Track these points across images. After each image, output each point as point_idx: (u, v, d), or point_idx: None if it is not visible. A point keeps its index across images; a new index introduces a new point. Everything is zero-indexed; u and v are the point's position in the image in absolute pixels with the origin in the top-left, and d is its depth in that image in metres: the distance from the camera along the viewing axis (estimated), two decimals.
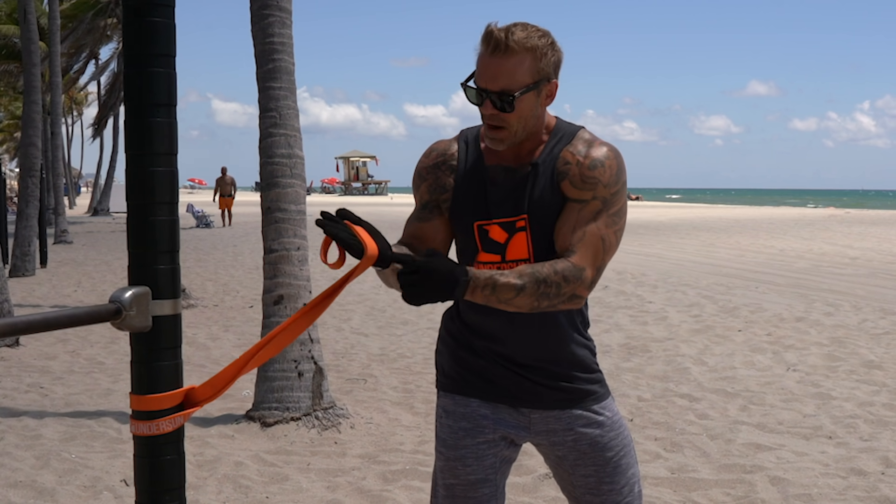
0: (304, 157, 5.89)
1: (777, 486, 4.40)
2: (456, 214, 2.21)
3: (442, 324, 2.36)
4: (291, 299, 5.64)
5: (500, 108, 2.08)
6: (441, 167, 2.23)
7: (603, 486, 2.23)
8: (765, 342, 8.19)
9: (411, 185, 2.31)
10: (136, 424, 1.72)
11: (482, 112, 2.11)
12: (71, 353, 7.79)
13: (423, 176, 2.26)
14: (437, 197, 2.23)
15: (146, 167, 1.71)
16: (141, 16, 1.68)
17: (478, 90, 2.09)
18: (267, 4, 5.79)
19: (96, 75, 38.95)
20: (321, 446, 5.12)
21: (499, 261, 2.17)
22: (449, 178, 2.22)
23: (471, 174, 2.19)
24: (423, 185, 2.25)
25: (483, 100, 2.09)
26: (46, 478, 4.53)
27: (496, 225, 2.17)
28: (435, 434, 2.31)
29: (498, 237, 2.16)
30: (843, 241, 21.00)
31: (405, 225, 2.29)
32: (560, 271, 2.04)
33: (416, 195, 2.28)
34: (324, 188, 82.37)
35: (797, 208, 48.36)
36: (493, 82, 2.06)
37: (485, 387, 2.24)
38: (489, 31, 2.06)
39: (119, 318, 1.64)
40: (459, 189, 2.20)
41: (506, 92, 2.06)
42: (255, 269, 14.23)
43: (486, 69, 2.07)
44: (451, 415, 2.26)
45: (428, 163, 2.26)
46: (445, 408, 2.28)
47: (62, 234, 21.04)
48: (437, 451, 2.28)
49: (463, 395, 2.25)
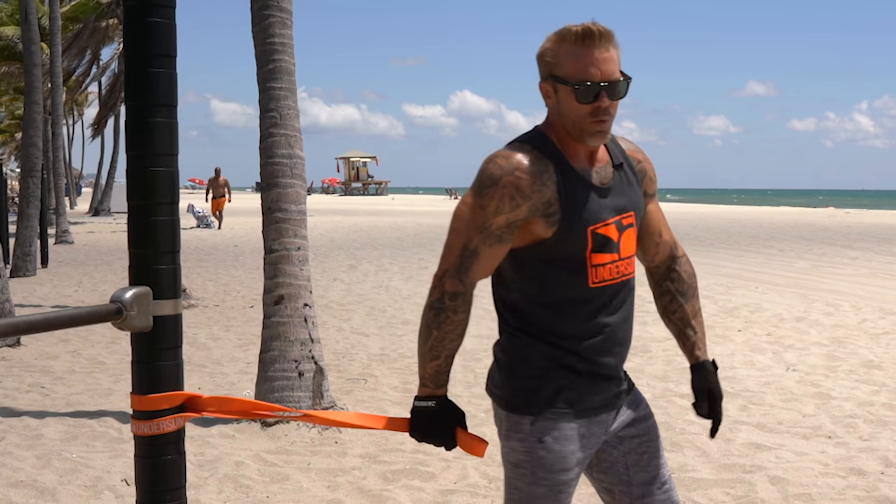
0: (305, 158, 5.90)
1: (777, 485, 4.41)
2: (570, 225, 2.14)
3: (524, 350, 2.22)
4: (292, 299, 5.65)
5: (615, 97, 2.12)
6: (546, 182, 2.13)
7: (654, 461, 2.33)
8: (765, 342, 8.19)
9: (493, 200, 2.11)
10: (137, 424, 1.73)
11: (598, 107, 2.10)
12: (72, 353, 7.80)
13: (526, 194, 2.11)
14: (536, 215, 2.13)
15: (147, 167, 1.72)
16: (142, 17, 1.69)
17: (592, 86, 2.10)
18: (267, 5, 5.80)
19: (97, 76, 38.95)
20: (322, 446, 5.12)
21: (616, 259, 2.22)
22: (551, 191, 2.13)
23: (573, 182, 2.16)
24: (526, 204, 2.11)
25: (598, 94, 2.10)
26: (47, 477, 4.54)
27: (612, 225, 2.21)
28: (528, 460, 2.21)
29: (613, 236, 2.21)
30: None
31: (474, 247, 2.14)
32: (693, 272, 2.48)
33: (502, 213, 2.12)
34: (324, 188, 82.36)
35: (797, 208, 48.33)
36: (607, 73, 2.11)
37: (587, 405, 2.24)
38: (585, 28, 2.10)
39: (120, 318, 1.65)
40: (568, 198, 2.14)
41: (619, 80, 2.13)
42: (255, 269, 14.23)
43: (595, 62, 2.10)
44: (559, 440, 2.20)
45: (530, 179, 2.12)
46: (549, 433, 2.20)
47: (63, 235, 21.05)
48: (539, 478, 2.20)
49: (566, 422, 2.21)
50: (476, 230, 2.13)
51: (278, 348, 5.59)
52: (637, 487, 2.31)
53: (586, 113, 2.11)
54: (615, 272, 2.23)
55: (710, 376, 2.39)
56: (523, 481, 2.22)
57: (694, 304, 2.43)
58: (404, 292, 11.84)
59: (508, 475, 2.26)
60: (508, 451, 2.25)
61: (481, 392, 6.24)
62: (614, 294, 2.24)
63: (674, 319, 2.43)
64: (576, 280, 2.18)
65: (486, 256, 2.15)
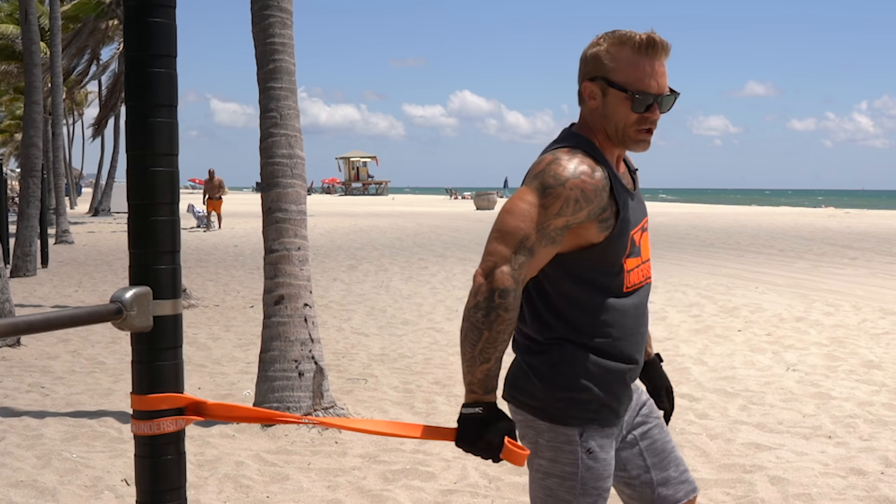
0: (305, 158, 5.90)
1: (777, 485, 4.41)
2: (621, 230, 2.19)
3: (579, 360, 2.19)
4: (292, 299, 5.65)
5: (665, 110, 2.21)
6: (605, 187, 2.16)
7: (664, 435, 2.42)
8: (765, 342, 8.19)
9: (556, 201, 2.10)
10: (137, 424, 1.73)
11: (648, 117, 2.16)
12: (72, 353, 7.80)
13: (590, 200, 2.12)
14: (593, 218, 2.14)
15: (147, 167, 1.72)
16: (142, 17, 1.69)
17: (648, 97, 2.15)
18: (268, 5, 5.80)
19: (97, 76, 38.97)
20: (322, 446, 5.12)
21: (639, 263, 2.27)
22: (608, 196, 2.17)
23: (619, 187, 2.21)
24: (587, 209, 2.12)
25: (651, 106, 2.16)
26: (48, 477, 4.54)
27: (639, 230, 2.28)
28: (581, 474, 2.19)
29: (638, 241, 2.27)
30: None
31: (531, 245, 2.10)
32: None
33: (562, 215, 2.10)
34: (324, 188, 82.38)
35: (797, 208, 48.33)
36: (663, 86, 2.18)
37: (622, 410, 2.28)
38: (649, 37, 2.13)
39: (120, 318, 1.65)
40: (623, 203, 2.19)
41: (672, 94, 2.20)
42: (255, 269, 14.24)
43: (655, 74, 2.15)
44: (605, 447, 2.22)
45: (596, 185, 2.13)
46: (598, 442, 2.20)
47: (63, 235, 21.06)
48: (590, 488, 2.19)
49: (608, 427, 2.24)
50: (535, 228, 2.09)
51: (278, 348, 5.60)
52: (656, 471, 2.35)
53: (634, 121, 2.16)
54: (641, 276, 2.27)
55: (662, 370, 2.54)
56: (572, 493, 2.19)
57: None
58: (404, 292, 11.85)
59: (551, 487, 2.20)
60: (550, 463, 2.20)
61: None
62: (641, 298, 2.29)
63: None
64: (614, 286, 2.21)
65: (540, 256, 2.12)
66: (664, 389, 2.51)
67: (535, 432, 2.21)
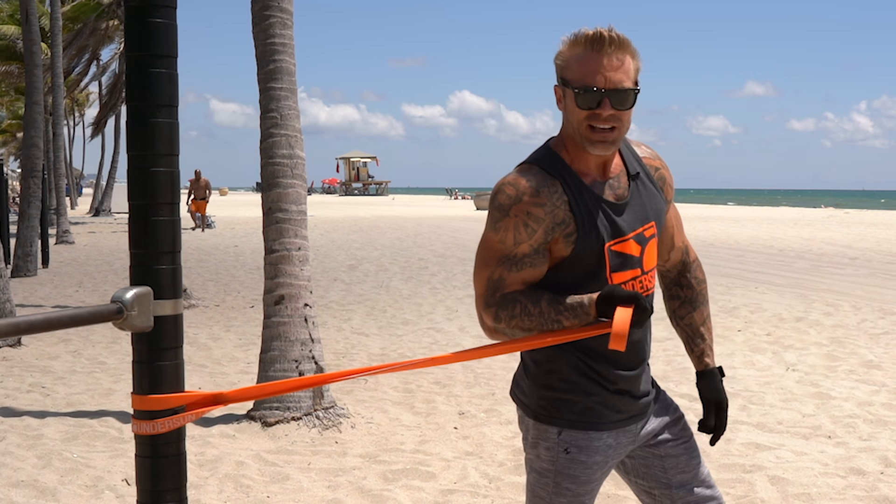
0: (305, 158, 5.91)
1: (776, 485, 4.41)
2: (585, 244, 2.12)
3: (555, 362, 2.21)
4: (292, 299, 5.66)
5: (620, 107, 2.06)
6: (556, 203, 2.10)
7: (692, 461, 2.33)
8: (764, 342, 8.19)
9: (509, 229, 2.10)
10: (137, 424, 1.74)
11: (598, 114, 2.06)
12: (73, 353, 7.81)
13: (539, 218, 2.09)
14: (554, 235, 2.12)
15: (148, 168, 1.72)
16: (143, 17, 1.70)
17: (595, 92, 2.05)
18: (268, 5, 5.80)
19: (97, 76, 38.98)
20: (322, 446, 5.13)
21: (639, 274, 2.19)
22: (564, 211, 2.11)
23: (585, 199, 2.12)
24: (541, 229, 2.10)
25: (600, 102, 2.06)
26: (48, 477, 4.55)
27: (631, 240, 2.17)
28: (553, 469, 2.22)
29: (634, 252, 2.18)
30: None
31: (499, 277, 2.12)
32: (702, 277, 2.46)
33: (522, 241, 2.10)
34: (325, 188, 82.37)
35: (797, 208, 48.30)
36: (613, 81, 2.05)
37: (615, 417, 2.23)
38: (597, 32, 2.06)
39: (121, 318, 1.65)
40: (582, 217, 2.11)
41: (625, 88, 2.07)
42: (256, 270, 14.24)
43: (602, 68, 2.05)
44: (585, 450, 2.21)
45: (541, 202, 2.09)
46: (576, 443, 2.20)
47: (64, 235, 21.07)
48: (562, 487, 2.21)
49: (593, 432, 2.21)
50: (499, 262, 2.12)
51: (279, 348, 5.60)
52: (678, 489, 2.30)
53: (584, 118, 2.08)
54: (639, 287, 2.20)
55: (718, 384, 2.36)
56: (546, 490, 2.22)
57: (703, 310, 2.41)
58: (404, 292, 11.85)
59: (531, 482, 2.27)
60: (534, 458, 2.25)
61: (481, 392, 6.25)
62: None
63: (682, 325, 2.42)
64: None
65: (517, 279, 2.13)
66: (714, 404, 2.35)
67: (525, 427, 2.28)
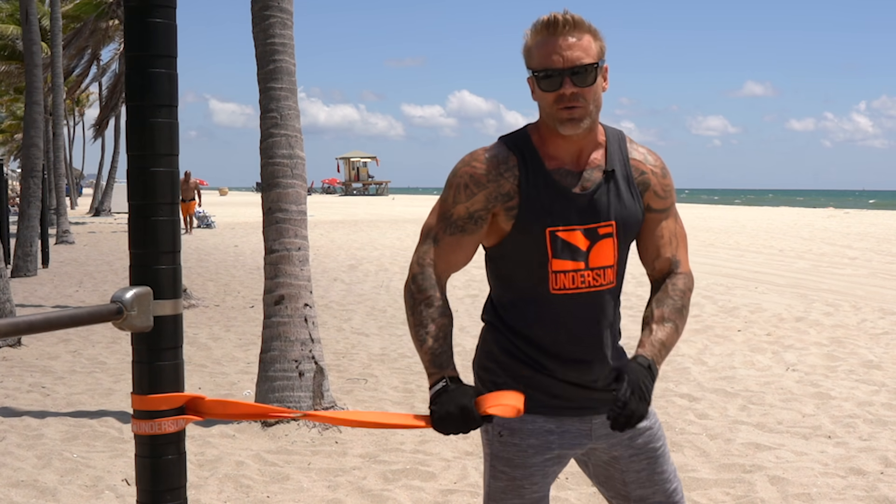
0: (305, 158, 5.91)
1: (776, 485, 4.41)
2: (525, 222, 2.13)
3: (489, 342, 2.25)
4: (292, 299, 5.66)
5: (581, 84, 2.07)
6: (504, 174, 2.13)
7: (655, 476, 2.27)
8: (764, 342, 8.19)
9: (452, 191, 2.16)
10: (137, 424, 1.74)
11: (562, 94, 2.07)
12: (73, 353, 7.81)
13: (481, 183, 2.13)
14: (496, 206, 2.13)
15: (148, 168, 1.72)
16: (142, 17, 1.70)
17: (553, 73, 2.07)
18: (268, 5, 5.80)
19: (98, 76, 38.98)
20: (322, 446, 5.13)
21: (582, 268, 2.15)
22: (512, 184, 2.12)
23: (537, 179, 2.13)
24: (482, 194, 2.13)
25: (561, 82, 2.07)
26: (48, 477, 4.55)
27: (579, 231, 2.14)
28: (490, 454, 2.22)
29: (580, 244, 2.14)
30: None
31: (434, 235, 2.17)
32: (684, 288, 2.25)
33: (460, 203, 2.15)
34: (325, 188, 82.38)
35: (797, 208, 48.31)
36: (570, 59, 2.07)
37: (551, 402, 2.20)
38: (550, 16, 2.09)
39: (121, 318, 1.65)
40: (528, 195, 2.12)
41: (584, 64, 2.07)
42: (255, 270, 14.24)
43: (558, 49, 2.07)
44: (517, 433, 2.19)
45: (486, 169, 2.14)
46: (508, 426, 2.19)
47: (64, 235, 21.08)
48: (498, 471, 2.21)
49: (528, 413, 2.15)
50: (438, 219, 2.18)
51: (279, 348, 5.60)
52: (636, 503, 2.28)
53: (552, 101, 2.09)
54: (580, 281, 2.15)
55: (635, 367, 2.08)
56: (486, 474, 2.25)
57: (664, 310, 2.21)
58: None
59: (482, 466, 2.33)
60: (482, 440, 2.30)
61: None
62: (582, 304, 2.16)
63: (643, 318, 2.30)
64: (538, 283, 2.16)
65: (448, 244, 2.16)
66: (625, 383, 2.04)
67: None
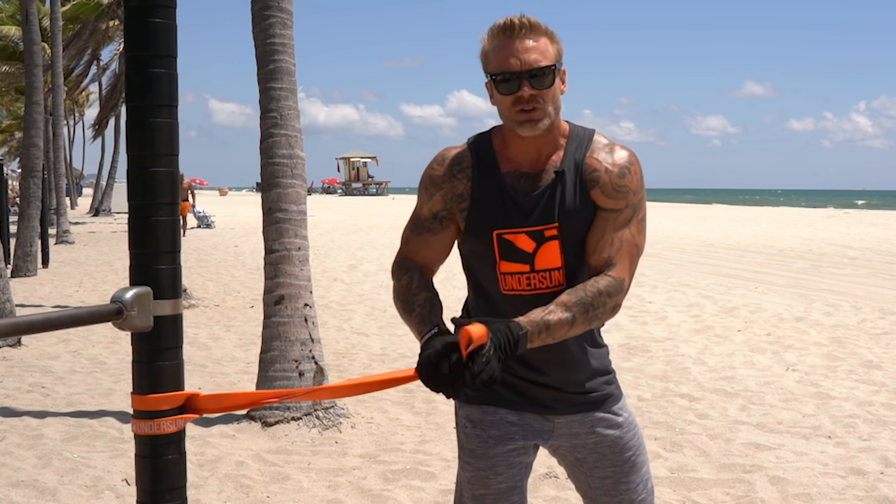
0: (305, 158, 5.91)
1: (776, 485, 4.41)
2: (474, 223, 2.15)
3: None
4: (292, 299, 5.66)
5: (539, 86, 2.06)
6: (457, 175, 2.17)
7: (620, 486, 2.25)
8: (764, 342, 8.19)
9: (418, 192, 2.24)
10: (137, 424, 1.73)
11: (519, 97, 2.06)
12: (73, 353, 7.81)
13: (437, 184, 2.19)
14: (452, 206, 2.18)
15: (148, 168, 1.72)
16: (142, 17, 1.70)
17: (511, 76, 2.06)
18: (268, 5, 5.80)
19: (97, 76, 39.00)
20: (322, 446, 5.13)
21: (527, 270, 2.13)
22: (465, 185, 2.16)
23: (488, 181, 2.15)
24: (438, 194, 2.18)
25: (519, 84, 2.06)
26: (48, 477, 4.55)
27: (524, 234, 2.13)
28: (458, 445, 2.27)
29: (525, 246, 2.13)
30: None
31: (406, 235, 2.24)
32: (604, 290, 2.07)
33: (424, 204, 2.21)
34: (325, 188, 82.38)
35: (796, 208, 48.32)
36: (528, 62, 2.06)
37: (512, 396, 2.22)
38: (506, 20, 2.08)
39: (121, 318, 1.65)
40: (478, 197, 2.15)
41: (541, 67, 2.06)
42: (256, 270, 14.24)
43: (515, 52, 2.06)
44: (479, 424, 2.22)
45: (442, 170, 2.19)
46: (470, 417, 2.23)
47: (64, 235, 21.08)
48: (464, 462, 2.24)
49: (490, 405, 2.20)
50: (410, 221, 2.25)
51: (279, 348, 5.60)
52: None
53: (510, 104, 2.09)
54: (526, 283, 2.15)
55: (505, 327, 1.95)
56: (459, 465, 2.29)
57: (570, 298, 2.03)
58: None
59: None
60: None
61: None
62: (532, 306, 2.06)
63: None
64: (492, 284, 2.19)
65: (415, 244, 2.22)
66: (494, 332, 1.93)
67: None
